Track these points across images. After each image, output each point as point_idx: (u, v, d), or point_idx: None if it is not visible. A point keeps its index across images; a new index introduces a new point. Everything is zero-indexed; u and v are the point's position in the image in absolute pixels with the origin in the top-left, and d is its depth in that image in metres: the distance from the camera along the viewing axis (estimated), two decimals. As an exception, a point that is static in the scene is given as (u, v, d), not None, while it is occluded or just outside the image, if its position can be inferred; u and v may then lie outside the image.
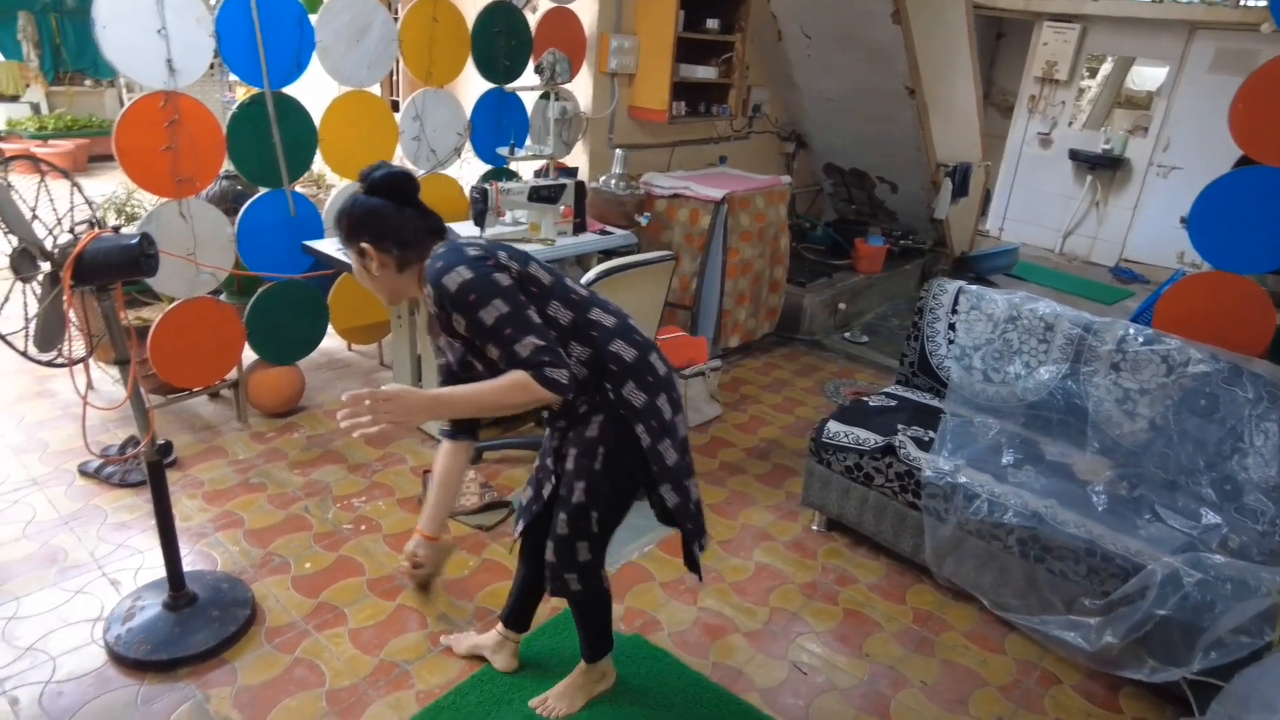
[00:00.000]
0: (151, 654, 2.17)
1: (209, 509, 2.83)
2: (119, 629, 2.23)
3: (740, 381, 4.20)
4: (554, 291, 1.73)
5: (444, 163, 3.81)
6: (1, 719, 1.97)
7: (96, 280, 1.91)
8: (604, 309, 1.80)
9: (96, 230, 1.95)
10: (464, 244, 1.70)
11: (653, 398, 1.77)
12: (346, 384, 3.85)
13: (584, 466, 1.80)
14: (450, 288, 1.59)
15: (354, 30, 3.30)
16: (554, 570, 1.89)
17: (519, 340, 1.58)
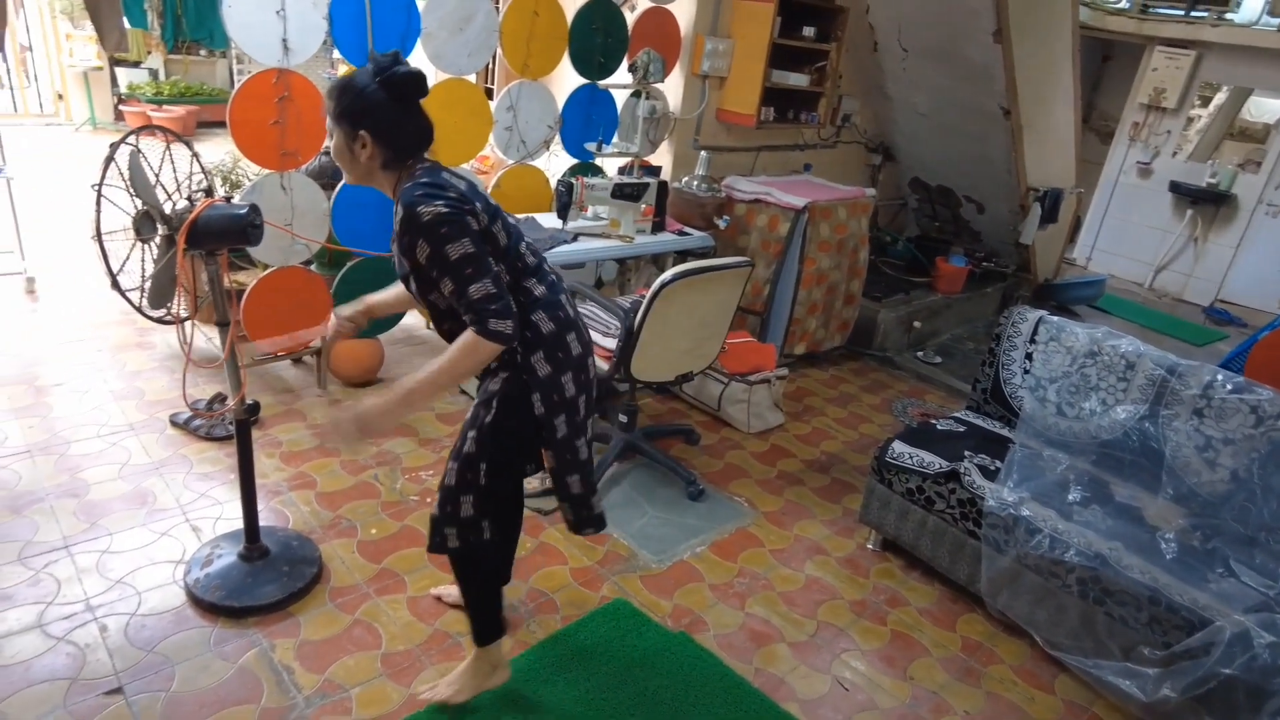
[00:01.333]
0: (224, 599, 2.31)
1: (285, 469, 2.98)
2: (198, 573, 2.38)
3: (805, 392, 4.19)
4: (505, 254, 1.77)
5: (533, 154, 3.90)
6: (92, 643, 2.13)
7: (207, 245, 2.03)
8: (540, 279, 1.85)
9: (210, 198, 2.07)
10: (445, 180, 1.71)
11: (558, 373, 1.83)
12: (422, 360, 3.98)
13: (478, 417, 1.85)
14: (423, 217, 1.63)
15: (458, 19, 3.40)
16: (435, 523, 1.92)
17: (476, 281, 1.65)
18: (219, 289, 2.13)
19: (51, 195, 5.94)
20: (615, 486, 3.10)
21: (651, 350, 2.81)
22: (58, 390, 3.36)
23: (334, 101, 1.72)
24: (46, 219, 5.38)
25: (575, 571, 2.63)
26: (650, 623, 2.45)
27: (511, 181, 3.87)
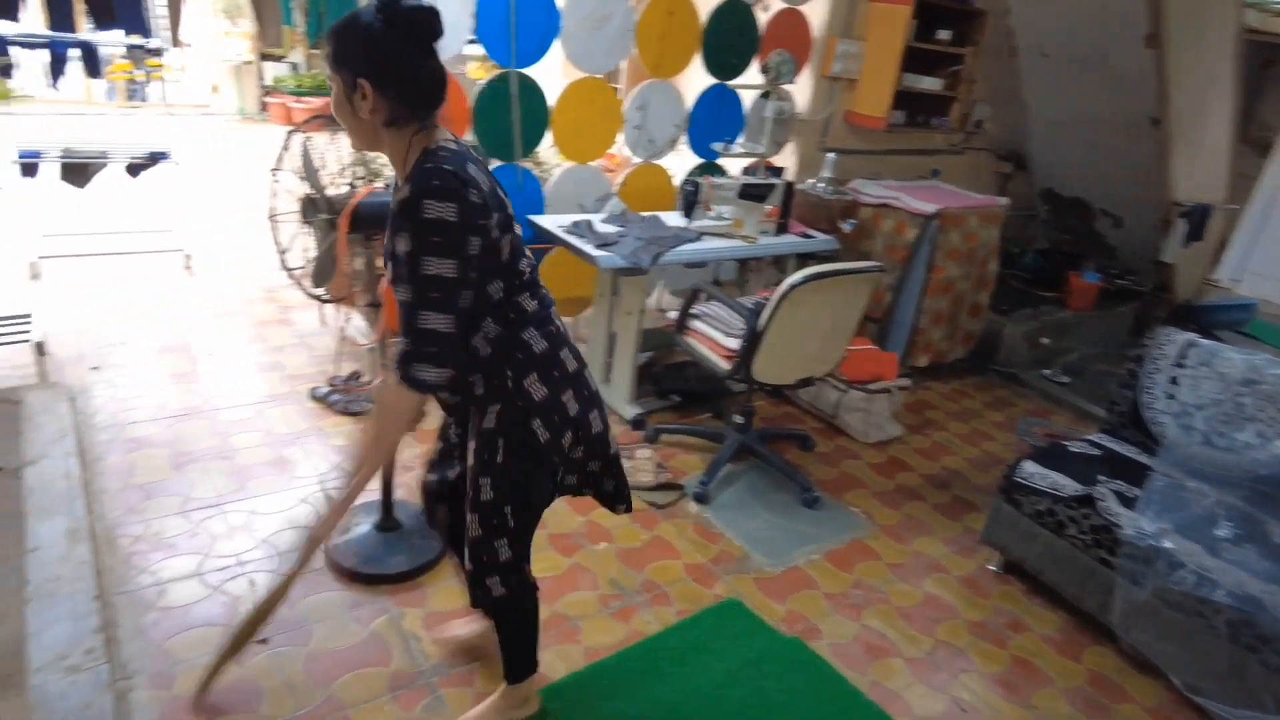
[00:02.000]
0: (358, 566, 2.43)
1: (417, 447, 3.11)
2: (336, 539, 2.52)
3: (925, 405, 4.08)
4: (503, 270, 1.56)
5: (660, 153, 3.94)
6: (242, 595, 2.29)
7: (365, 230, 2.15)
8: (534, 294, 1.65)
9: (369, 186, 2.19)
10: (471, 175, 1.45)
11: (556, 393, 1.64)
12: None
13: (486, 462, 1.64)
14: (426, 213, 1.40)
15: (596, 19, 3.47)
16: (473, 578, 1.75)
17: (434, 310, 1.43)
18: (371, 272, 2.25)
19: (206, 179, 6.40)
20: (729, 487, 3.10)
21: (774, 352, 2.80)
22: (209, 360, 3.61)
23: (332, 44, 1.45)
24: (201, 201, 5.80)
25: (689, 567, 2.65)
26: (763, 625, 2.45)
27: (637, 180, 3.92)
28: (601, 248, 3.10)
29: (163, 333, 3.81)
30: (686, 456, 3.28)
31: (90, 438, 2.93)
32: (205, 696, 1.90)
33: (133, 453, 2.88)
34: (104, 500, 2.62)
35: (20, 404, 3.01)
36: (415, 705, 2.03)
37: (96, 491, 2.65)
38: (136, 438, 2.97)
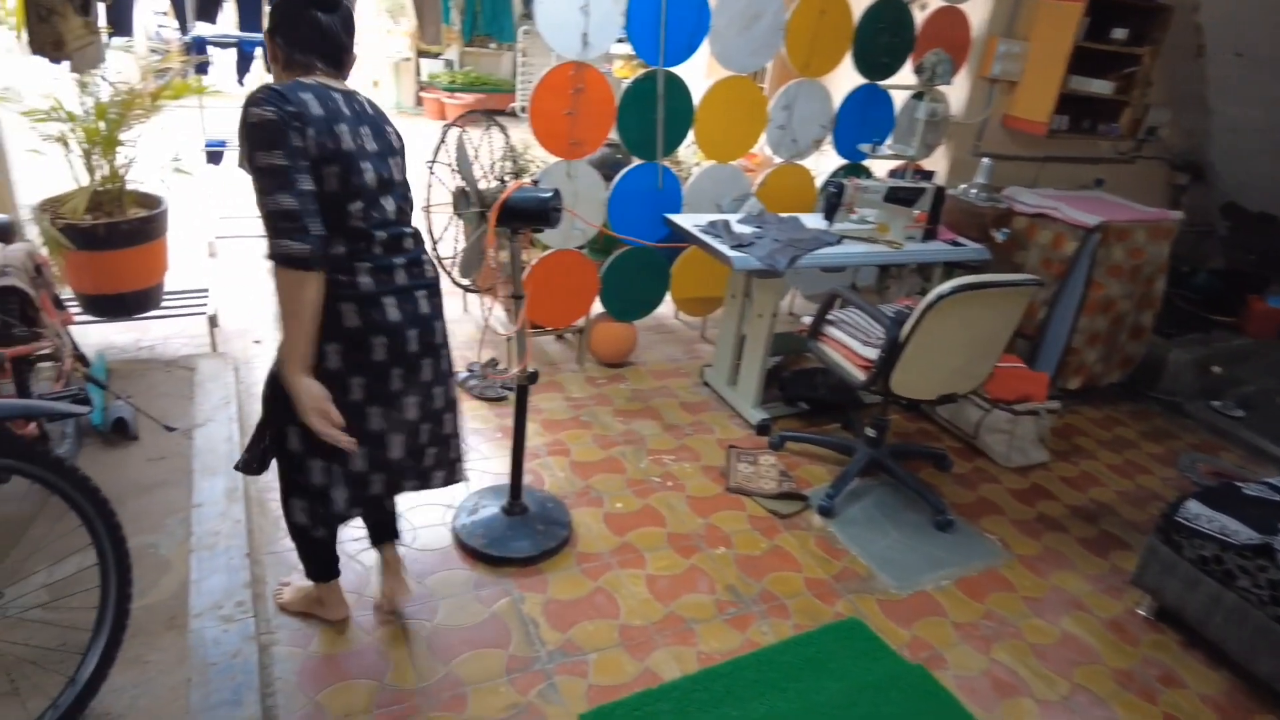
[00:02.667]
0: (485, 547, 2.51)
1: (544, 435, 3.19)
2: (465, 519, 2.61)
3: (1075, 430, 3.80)
4: (327, 200, 1.65)
5: (803, 153, 3.86)
6: (375, 566, 2.40)
7: (513, 224, 2.21)
8: (365, 261, 1.73)
9: (519, 181, 2.25)
10: (295, 94, 1.62)
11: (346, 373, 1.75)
12: (670, 349, 4.09)
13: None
14: (248, 119, 1.58)
15: (746, 17, 3.43)
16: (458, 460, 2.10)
17: (276, 194, 1.55)
18: (516, 265, 2.31)
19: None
20: (856, 502, 3.00)
21: (915, 365, 2.68)
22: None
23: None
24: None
25: (810, 581, 2.58)
26: (886, 648, 2.35)
27: (778, 180, 3.85)
28: (737, 248, 3.06)
29: (319, 312, 4.06)
30: (812, 467, 3.20)
31: (250, 406, 3.16)
32: None
33: (288, 422, 3.09)
34: (261, 464, 2.81)
35: (194, 370, 3.29)
36: (530, 690, 2.07)
37: (255, 456, 2.86)
38: (292, 408, 3.18)
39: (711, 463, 3.14)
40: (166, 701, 1.86)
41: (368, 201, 1.73)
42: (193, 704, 1.85)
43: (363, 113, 1.78)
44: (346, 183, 1.68)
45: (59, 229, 2.93)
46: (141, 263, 3.24)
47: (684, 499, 2.90)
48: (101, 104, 3.11)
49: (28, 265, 2.31)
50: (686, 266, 3.79)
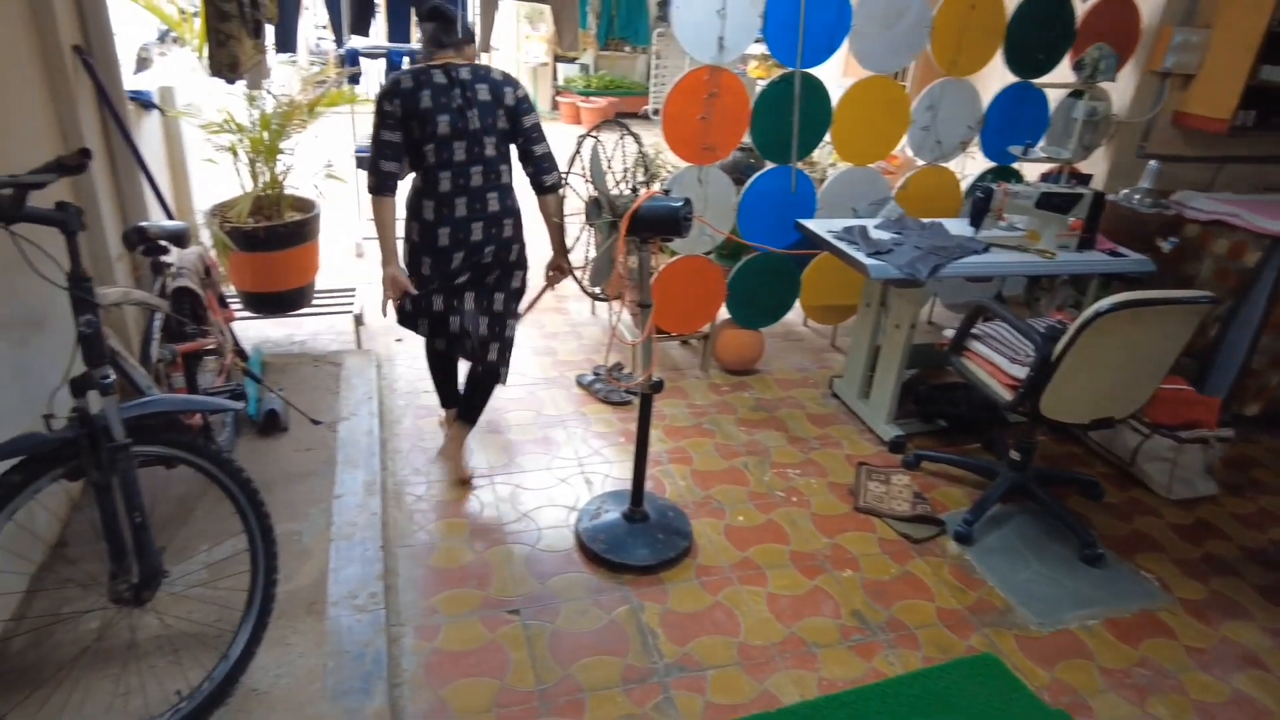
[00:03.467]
0: (605, 551, 2.51)
1: (666, 441, 3.17)
2: (587, 523, 2.63)
3: (1251, 462, 3.43)
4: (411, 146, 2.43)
5: (948, 155, 3.67)
6: (499, 563, 2.46)
7: (644, 233, 2.20)
8: (436, 178, 2.44)
9: (650, 190, 2.23)
10: (400, 77, 2.37)
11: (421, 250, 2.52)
12: (797, 358, 3.99)
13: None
14: (380, 87, 2.42)
15: (889, 15, 3.29)
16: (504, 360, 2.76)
17: (370, 145, 2.40)
18: (645, 273, 2.30)
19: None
20: (996, 529, 2.81)
21: (1068, 386, 2.48)
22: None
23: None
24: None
25: (942, 612, 2.44)
26: (1023, 689, 2.18)
27: (920, 183, 3.68)
28: (874, 255, 2.93)
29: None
30: (949, 489, 3.03)
31: (390, 401, 3.32)
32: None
33: (422, 419, 3.21)
34: (396, 459, 2.94)
35: (341, 366, 3.48)
36: (646, 702, 2.05)
37: (391, 451, 2.99)
38: (427, 405, 3.30)
39: (839, 479, 3.03)
40: (305, 683, 1.96)
41: (438, 144, 2.39)
42: (328, 688, 1.94)
43: (457, 79, 2.41)
44: (422, 132, 2.37)
45: (225, 232, 3.17)
46: (295, 263, 3.45)
47: (809, 516, 2.81)
48: (266, 115, 3.33)
49: (199, 267, 2.51)
50: (818, 273, 3.68)
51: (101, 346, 1.65)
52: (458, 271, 2.52)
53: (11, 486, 1.53)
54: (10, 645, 1.96)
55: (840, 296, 3.79)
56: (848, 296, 3.76)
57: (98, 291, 1.69)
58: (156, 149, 3.58)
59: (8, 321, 2.07)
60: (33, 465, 1.56)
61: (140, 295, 1.99)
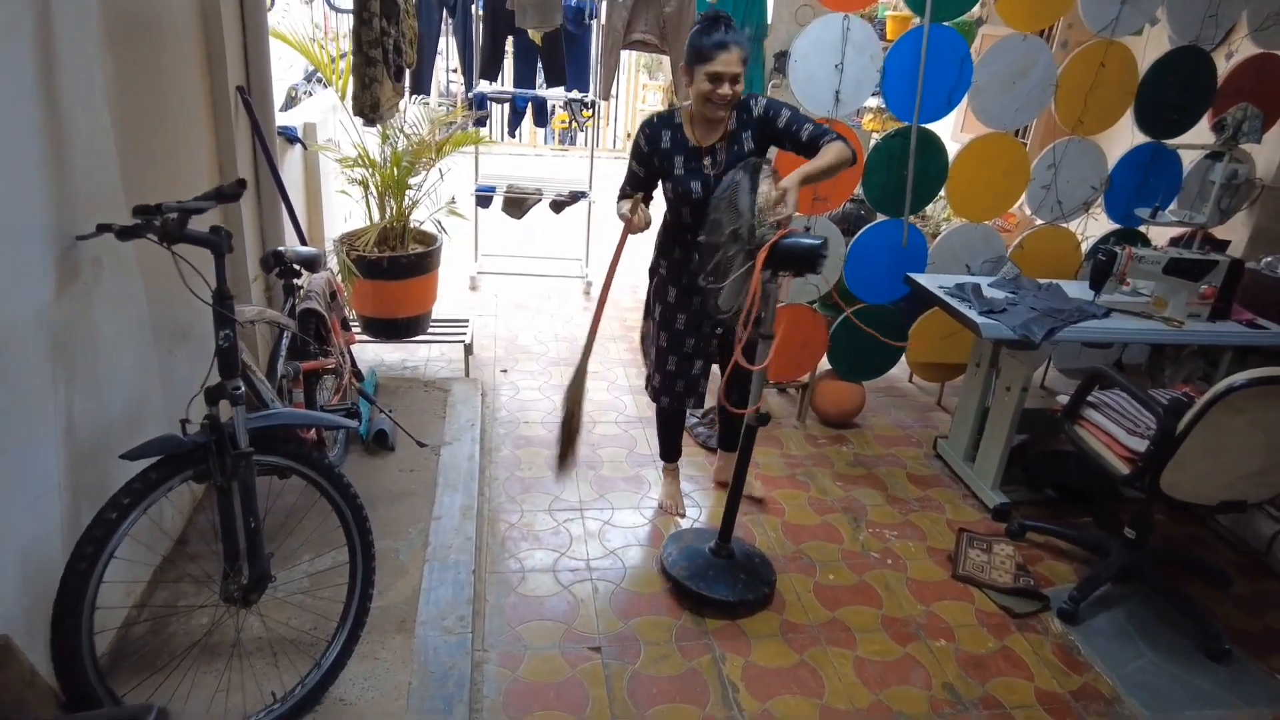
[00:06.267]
0: (685, 578, 2.50)
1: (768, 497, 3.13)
2: (671, 549, 2.63)
3: None
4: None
5: (1068, 215, 3.54)
6: (585, 599, 2.48)
7: (779, 267, 2.19)
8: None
9: (786, 228, 2.21)
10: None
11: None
12: (900, 414, 3.88)
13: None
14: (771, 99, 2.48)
15: (1012, 72, 3.23)
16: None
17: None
18: (773, 306, 2.29)
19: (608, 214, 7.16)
20: (1105, 610, 2.63)
21: (1193, 464, 2.32)
22: (593, 377, 4.00)
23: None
24: (600, 235, 6.50)
25: (1042, 694, 2.29)
26: (1133, 789, 2.02)
27: (1037, 243, 3.55)
28: (986, 314, 2.85)
29: (559, 349, 4.32)
30: (1055, 562, 2.87)
31: (492, 429, 3.42)
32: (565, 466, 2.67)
33: (521, 448, 3.29)
34: (493, 486, 3.02)
35: (449, 392, 3.61)
36: (723, 755, 2.01)
37: (489, 477, 3.07)
38: (526, 436, 3.39)
39: (939, 544, 2.91)
40: (390, 699, 2.02)
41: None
42: (411, 705, 1.99)
43: None
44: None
45: (351, 260, 3.37)
46: (414, 293, 3.63)
47: (904, 580, 2.71)
48: (398, 153, 3.55)
49: (325, 292, 2.67)
50: (927, 328, 3.59)
51: (236, 360, 1.78)
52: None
53: (149, 483, 1.66)
54: (133, 631, 2.10)
55: (948, 354, 3.68)
56: (956, 354, 3.65)
57: (237, 309, 1.83)
58: (296, 180, 3.86)
59: (161, 331, 2.26)
60: (167, 465, 1.69)
61: (273, 314, 2.14)
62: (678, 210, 2.54)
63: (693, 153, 2.47)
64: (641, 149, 2.51)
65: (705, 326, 2.67)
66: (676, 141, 2.47)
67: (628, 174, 2.59)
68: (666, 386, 2.76)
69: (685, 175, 2.46)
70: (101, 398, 1.98)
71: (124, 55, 2.08)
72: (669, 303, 2.66)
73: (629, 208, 2.49)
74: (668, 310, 2.67)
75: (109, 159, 1.99)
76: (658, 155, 2.49)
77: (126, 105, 2.09)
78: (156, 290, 2.18)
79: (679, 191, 2.48)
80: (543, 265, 5.53)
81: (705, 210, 2.38)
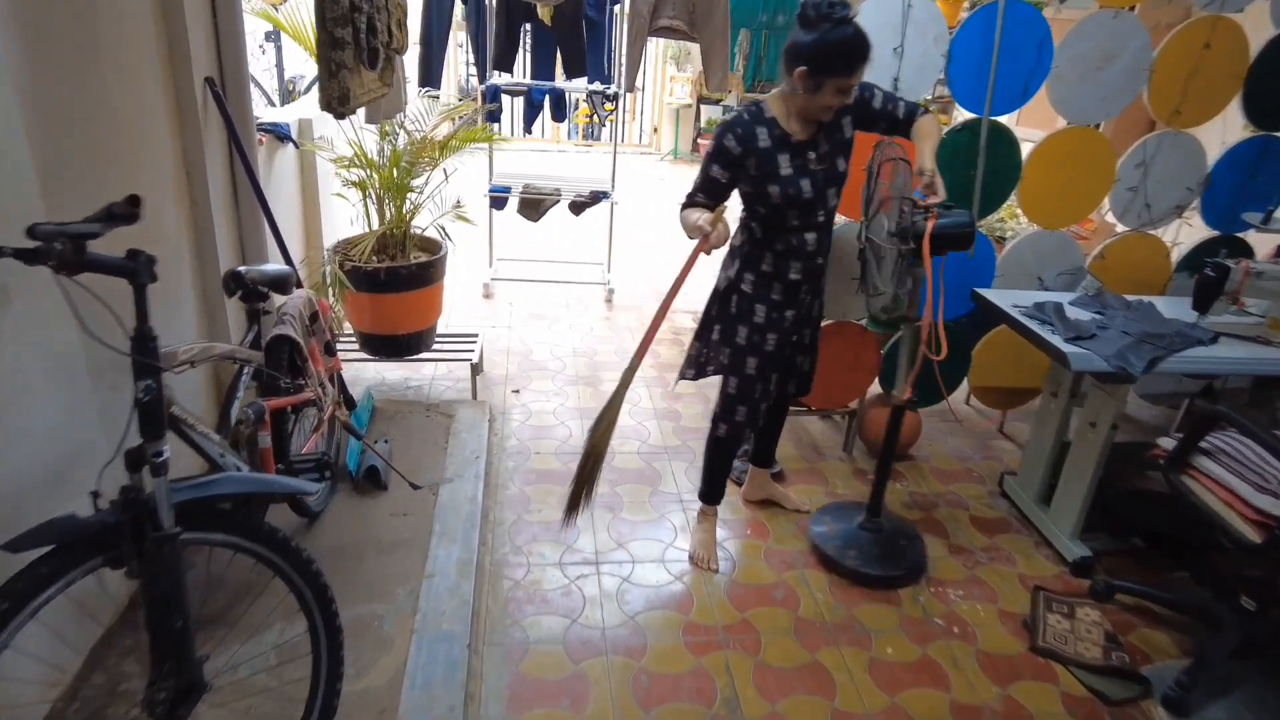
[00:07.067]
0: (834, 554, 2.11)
1: (799, 539, 2.73)
2: (820, 528, 2.23)
3: None
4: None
5: (1157, 220, 3.09)
6: (602, 675, 2.10)
7: (942, 250, 2.14)
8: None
9: (935, 212, 2.13)
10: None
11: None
12: (958, 443, 3.45)
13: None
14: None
15: (1098, 57, 2.79)
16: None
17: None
18: (918, 288, 2.31)
19: (632, 215, 6.77)
20: (1222, 697, 2.18)
21: (1345, 532, 1.89)
22: (613, 398, 3.63)
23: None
24: (625, 237, 6.12)
25: (1157, 812, 1.88)
26: None
27: (1120, 253, 3.11)
28: (1074, 341, 2.42)
29: (577, 365, 3.95)
30: (1151, 631, 2.43)
31: (499, 462, 3.05)
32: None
33: (531, 485, 2.92)
34: (497, 532, 2.65)
35: (453, 418, 3.25)
36: None
37: (493, 521, 2.70)
38: (538, 470, 3.02)
39: (1011, 606, 2.49)
40: (361, 819, 1.66)
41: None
42: (385, 830, 1.63)
43: None
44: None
45: (346, 270, 3.02)
46: (415, 307, 3.28)
47: (974, 654, 2.30)
48: (397, 151, 3.19)
49: (303, 314, 2.32)
50: (993, 350, 3.17)
51: (160, 416, 1.42)
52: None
53: (37, 580, 1.30)
54: (56, 730, 1.76)
55: (1015, 378, 3.25)
56: (1024, 378, 3.22)
57: (167, 352, 1.48)
58: (291, 184, 3.52)
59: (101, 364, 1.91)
60: (66, 554, 1.34)
61: (224, 349, 1.79)
62: (781, 215, 2.19)
63: (797, 149, 2.15)
64: (731, 152, 2.14)
65: (787, 343, 2.41)
66: (776, 139, 2.14)
67: (703, 181, 2.20)
68: (750, 417, 2.46)
69: (794, 175, 2.14)
70: (11, 449, 1.63)
71: (44, 40, 1.73)
72: (756, 323, 2.33)
73: (708, 219, 2.10)
74: (755, 333, 2.34)
75: (20, 165, 1.64)
76: (755, 157, 2.13)
77: (52, 100, 1.74)
78: (93, 314, 1.83)
79: (788, 194, 2.14)
80: (562, 271, 5.16)
81: (814, 211, 2.18)
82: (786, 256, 2.26)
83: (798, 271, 2.28)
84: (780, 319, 2.34)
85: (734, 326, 2.37)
